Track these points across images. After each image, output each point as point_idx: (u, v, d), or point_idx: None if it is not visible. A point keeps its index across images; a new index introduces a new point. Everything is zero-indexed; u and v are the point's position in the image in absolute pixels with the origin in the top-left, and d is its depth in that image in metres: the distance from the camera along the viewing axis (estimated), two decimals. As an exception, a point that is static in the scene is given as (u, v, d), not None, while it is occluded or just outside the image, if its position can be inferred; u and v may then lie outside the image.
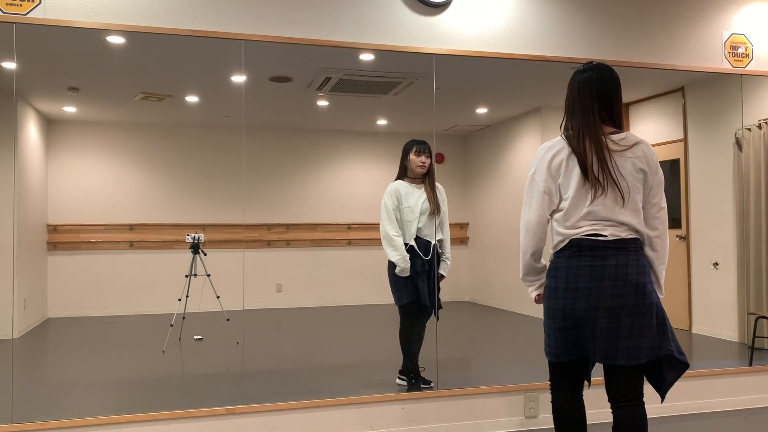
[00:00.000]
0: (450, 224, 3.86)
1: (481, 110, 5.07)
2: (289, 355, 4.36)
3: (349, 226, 5.11)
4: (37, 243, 4.48)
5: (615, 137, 2.26)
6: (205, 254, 4.50)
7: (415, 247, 3.73)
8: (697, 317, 4.78)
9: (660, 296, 2.31)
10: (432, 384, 3.58)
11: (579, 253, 2.23)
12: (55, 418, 3.06)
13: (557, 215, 2.30)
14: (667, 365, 2.29)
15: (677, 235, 4.89)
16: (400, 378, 3.75)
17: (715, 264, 4.66)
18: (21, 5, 3.03)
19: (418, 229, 3.75)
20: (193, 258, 4.48)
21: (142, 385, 3.97)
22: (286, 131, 4.99)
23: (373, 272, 3.79)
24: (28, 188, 4.26)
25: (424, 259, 3.74)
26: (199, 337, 4.66)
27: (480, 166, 5.24)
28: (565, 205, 2.26)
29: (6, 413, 2.99)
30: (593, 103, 2.27)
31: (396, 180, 3.83)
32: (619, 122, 2.31)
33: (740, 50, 4.15)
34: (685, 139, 4.91)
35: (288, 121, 5.00)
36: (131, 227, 4.79)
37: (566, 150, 2.26)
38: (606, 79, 2.31)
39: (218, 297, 4.41)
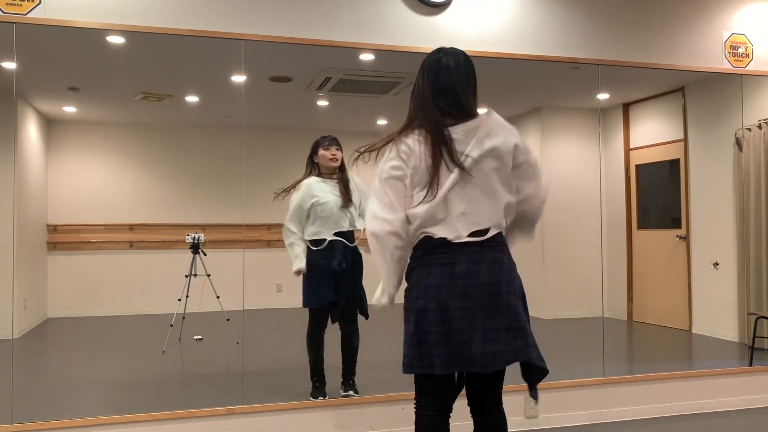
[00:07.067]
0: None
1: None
2: (289, 355, 4.35)
3: (349, 226, 5.10)
4: (37, 243, 4.48)
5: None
6: (205, 254, 4.50)
7: (335, 244, 3.61)
8: (697, 317, 4.78)
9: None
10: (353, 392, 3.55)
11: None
12: (55, 418, 3.07)
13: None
14: (527, 370, 2.14)
15: (677, 235, 4.89)
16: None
17: (715, 264, 4.66)
18: (21, 5, 3.03)
19: (336, 223, 3.63)
20: (193, 258, 4.48)
21: (142, 385, 3.97)
22: (286, 131, 4.99)
23: (372, 272, 3.78)
24: (28, 188, 4.26)
25: (343, 257, 3.61)
26: (199, 337, 4.66)
27: (480, 166, 5.23)
28: None
29: (6, 413, 2.99)
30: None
31: (308, 177, 3.70)
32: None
33: (740, 50, 4.15)
34: (685, 139, 4.90)
35: (288, 121, 5.00)
36: (131, 227, 4.79)
37: None
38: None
39: (218, 297, 4.41)
